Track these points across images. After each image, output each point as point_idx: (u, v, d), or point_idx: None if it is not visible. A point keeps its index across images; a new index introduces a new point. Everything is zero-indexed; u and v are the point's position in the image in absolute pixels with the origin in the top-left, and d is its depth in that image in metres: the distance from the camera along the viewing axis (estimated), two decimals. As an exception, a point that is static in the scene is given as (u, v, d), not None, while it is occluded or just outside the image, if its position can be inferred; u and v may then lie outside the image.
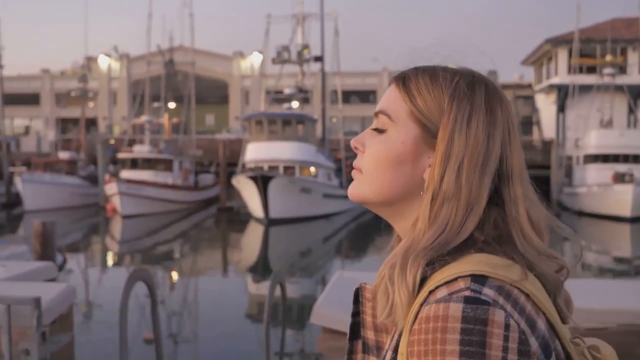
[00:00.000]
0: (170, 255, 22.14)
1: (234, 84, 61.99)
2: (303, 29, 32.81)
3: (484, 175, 0.99)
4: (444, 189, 0.99)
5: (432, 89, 1.03)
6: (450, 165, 0.99)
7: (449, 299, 0.90)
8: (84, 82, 36.04)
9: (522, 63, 49.47)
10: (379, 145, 1.06)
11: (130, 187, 28.56)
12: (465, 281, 0.92)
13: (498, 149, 1.01)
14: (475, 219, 0.98)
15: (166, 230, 27.29)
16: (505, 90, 4.79)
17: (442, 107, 1.02)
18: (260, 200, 26.15)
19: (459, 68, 1.07)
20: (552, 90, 42.55)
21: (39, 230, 11.28)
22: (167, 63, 35.70)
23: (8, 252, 13.02)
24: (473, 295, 0.89)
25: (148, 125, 32.97)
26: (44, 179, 31.18)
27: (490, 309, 0.88)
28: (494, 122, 1.01)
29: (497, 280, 0.93)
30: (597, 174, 30.44)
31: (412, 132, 1.03)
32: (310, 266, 20.50)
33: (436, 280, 0.94)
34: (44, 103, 61.79)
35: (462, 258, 0.96)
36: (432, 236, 0.97)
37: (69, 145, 38.81)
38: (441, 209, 0.99)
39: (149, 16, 34.87)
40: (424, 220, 0.99)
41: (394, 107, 1.06)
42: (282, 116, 29.89)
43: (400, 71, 1.08)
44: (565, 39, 39.99)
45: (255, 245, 24.29)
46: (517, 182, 1.01)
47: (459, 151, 0.99)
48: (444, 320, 0.88)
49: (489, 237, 0.99)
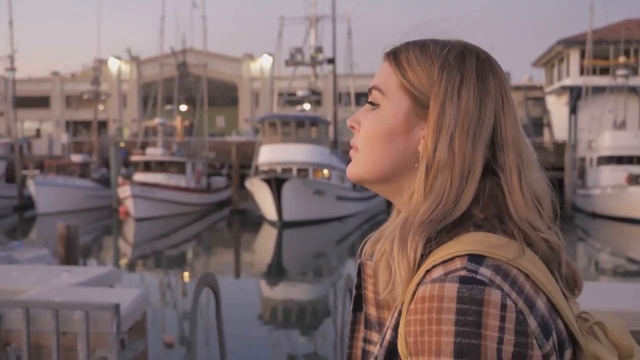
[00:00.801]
0: (185, 257, 22.13)
1: (244, 86, 62.05)
2: (316, 30, 32.78)
3: (476, 143, 0.98)
4: (437, 158, 0.98)
5: (422, 60, 1.02)
6: (442, 135, 0.98)
7: (444, 278, 0.88)
8: (96, 84, 36.08)
9: (533, 64, 49.28)
10: (372, 120, 1.05)
11: (144, 189, 28.56)
12: (462, 260, 0.91)
13: (491, 117, 0.99)
14: (471, 188, 0.97)
15: (179, 232, 27.28)
16: (516, 92, 4.67)
17: (432, 78, 1.01)
18: (274, 203, 26.11)
19: (450, 40, 1.05)
20: (564, 92, 42.37)
21: (63, 233, 11.22)
22: (180, 65, 35.70)
23: (31, 255, 13.05)
24: (469, 275, 0.88)
25: (161, 128, 32.95)
26: (57, 181, 31.20)
27: (486, 289, 0.87)
28: (485, 90, 1.00)
29: (494, 260, 0.91)
30: (611, 175, 30.31)
31: (404, 105, 1.03)
32: (324, 268, 20.47)
33: (433, 259, 0.93)
34: (54, 106, 62.02)
35: (460, 237, 0.94)
36: (430, 208, 0.96)
37: (81, 147, 38.85)
38: (436, 179, 0.98)
39: (161, 18, 34.93)
40: (419, 191, 0.99)
41: (385, 82, 1.05)
42: (296, 118, 29.85)
43: (392, 46, 1.08)
44: (577, 40, 39.83)
45: (269, 247, 24.26)
46: (510, 149, 0.99)
47: (450, 120, 0.98)
48: (439, 300, 0.87)
49: (487, 213, 0.98)
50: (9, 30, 35.61)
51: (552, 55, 44.51)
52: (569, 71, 41.44)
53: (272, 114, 32.31)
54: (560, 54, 42.73)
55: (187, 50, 41.70)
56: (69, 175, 32.87)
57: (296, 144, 28.89)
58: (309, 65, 32.91)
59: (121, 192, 29.37)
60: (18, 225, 30.78)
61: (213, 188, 35.19)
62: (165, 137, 33.81)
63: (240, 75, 62.33)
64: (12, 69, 36.62)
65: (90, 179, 33.73)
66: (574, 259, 15.85)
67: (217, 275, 16.44)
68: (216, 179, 36.39)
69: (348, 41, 34.79)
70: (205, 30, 35.97)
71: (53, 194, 30.23)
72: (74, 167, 33.66)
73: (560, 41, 41.10)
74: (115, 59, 61.08)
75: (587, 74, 35.48)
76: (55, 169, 33.26)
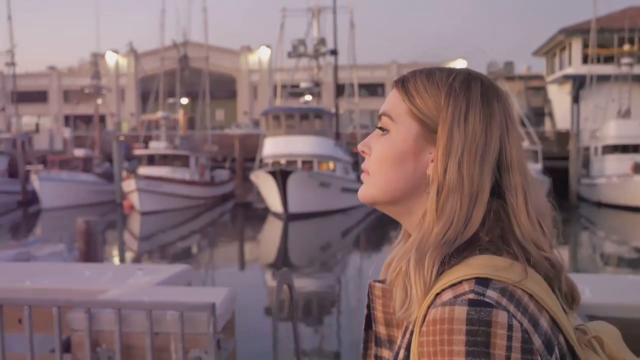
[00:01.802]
0: (193, 251, 22.12)
1: (242, 78, 61.83)
2: (319, 22, 32.64)
3: (484, 165, 1.03)
4: (448, 181, 1.03)
5: (429, 87, 1.08)
6: (451, 158, 1.03)
7: (454, 302, 0.94)
8: (97, 78, 35.89)
9: (534, 54, 49.19)
10: (382, 145, 1.10)
11: (149, 183, 28.45)
12: (470, 284, 0.96)
13: (497, 140, 1.05)
14: (481, 210, 1.02)
15: (185, 226, 27.21)
16: (516, 82, 4.70)
17: (439, 104, 1.06)
18: (279, 195, 26.05)
19: (455, 68, 1.11)
20: (566, 81, 42.29)
21: (83, 228, 11.14)
22: (182, 58, 35.53)
23: (47, 251, 12.95)
24: (477, 298, 0.93)
25: (164, 122, 32.81)
26: (61, 176, 31.08)
27: (494, 310, 0.92)
28: (490, 115, 1.05)
29: (500, 282, 0.96)
30: (616, 164, 30.26)
31: (413, 130, 1.08)
32: (330, 260, 20.47)
33: (442, 282, 0.98)
34: (52, 100, 61.71)
35: (467, 260, 1.00)
36: (442, 229, 1.01)
37: (82, 142, 38.69)
38: (447, 201, 1.03)
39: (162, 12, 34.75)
40: (431, 213, 1.04)
41: (394, 108, 1.11)
42: (300, 110, 29.72)
43: (400, 75, 1.14)
44: (579, 29, 39.74)
45: (275, 240, 24.25)
46: (516, 171, 1.05)
47: (458, 144, 1.03)
48: (449, 322, 0.92)
49: (492, 235, 1.03)
50: (7, 25, 35.40)
51: (553, 45, 44.42)
52: (571, 60, 41.38)
53: (276, 106, 32.18)
54: (562, 43, 42.64)
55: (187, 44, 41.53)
56: (72, 170, 32.74)
57: (300, 136, 28.77)
58: (311, 57, 32.76)
59: (126, 186, 29.25)
60: (22, 220, 30.67)
61: (216, 181, 35.10)
62: (168, 130, 33.68)
63: (238, 67, 62.10)
64: (12, 64, 36.41)
65: (93, 174, 33.59)
66: (579, 248, 15.81)
67: (224, 268, 16.45)
68: (219, 172, 36.27)
69: (351, 32, 34.66)
70: (206, 23, 35.81)
71: (57, 189, 30.11)
72: (77, 162, 33.53)
73: (562, 30, 41.00)
74: (113, 53, 60.78)
75: (591, 63, 35.37)
76: (59, 164, 33.11)
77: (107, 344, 2.80)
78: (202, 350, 2.68)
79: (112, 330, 2.79)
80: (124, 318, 2.79)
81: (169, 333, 2.75)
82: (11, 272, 3.96)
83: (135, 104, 61.07)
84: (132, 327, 2.80)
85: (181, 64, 35.63)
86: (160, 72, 35.47)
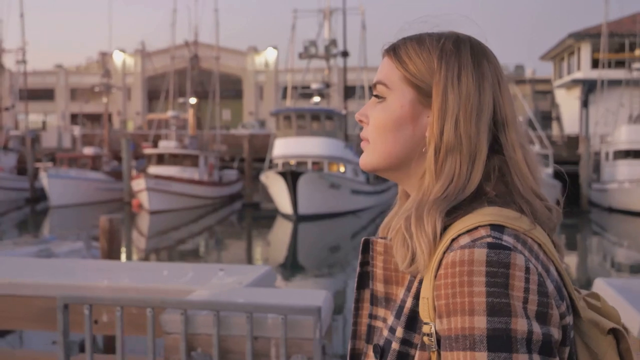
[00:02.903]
0: (204, 251, 22.08)
1: (248, 79, 61.76)
2: (330, 23, 32.56)
3: (480, 124, 1.05)
4: (445, 141, 1.05)
5: (420, 52, 1.10)
6: (447, 119, 1.05)
7: (472, 245, 0.96)
8: (107, 77, 35.80)
9: (542, 58, 49.06)
10: (380, 113, 1.12)
11: (159, 182, 28.37)
12: (486, 229, 0.99)
13: (490, 98, 1.07)
14: (480, 167, 1.05)
15: (193, 225, 27.16)
16: (524, 85, 4.62)
17: (432, 68, 1.08)
18: (289, 196, 25.97)
19: (444, 32, 1.12)
20: (575, 85, 42.17)
21: (106, 226, 11.05)
22: (192, 58, 35.46)
23: (66, 248, 12.86)
24: (495, 242, 0.96)
25: (174, 121, 32.71)
26: (70, 174, 31.01)
27: (512, 253, 0.95)
28: (482, 74, 1.08)
29: (512, 230, 1.00)
30: (628, 169, 30.08)
31: (408, 95, 1.10)
32: (338, 262, 20.43)
33: (457, 229, 1.00)
34: (58, 98, 61.64)
35: (477, 210, 1.02)
36: (442, 187, 1.04)
37: (91, 140, 38.60)
38: (445, 161, 1.05)
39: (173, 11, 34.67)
40: (430, 173, 1.06)
41: (388, 76, 1.12)
42: (311, 111, 29.63)
43: (390, 43, 1.15)
44: (589, 34, 39.62)
45: (284, 241, 24.19)
46: (512, 128, 1.08)
47: (453, 105, 1.05)
48: (469, 264, 0.94)
49: (498, 189, 1.06)
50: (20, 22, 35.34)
51: (562, 49, 44.29)
52: (579, 64, 41.25)
53: (287, 107, 32.08)
54: (571, 47, 42.51)
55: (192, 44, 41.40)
56: (81, 167, 32.66)
57: (311, 137, 28.66)
58: (322, 58, 32.66)
59: (135, 184, 29.16)
60: (30, 217, 30.59)
61: (224, 181, 35.00)
62: (177, 130, 33.59)
63: (244, 68, 62.04)
64: (23, 62, 36.33)
65: (102, 172, 33.52)
66: (590, 254, 15.70)
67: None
68: (227, 172, 36.17)
69: (362, 34, 34.57)
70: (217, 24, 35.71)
71: (66, 187, 30.05)
72: (86, 160, 33.45)
73: (572, 34, 40.86)
74: (120, 52, 60.70)
75: (602, 67, 35.25)
76: (67, 162, 33.03)
77: (202, 347, 2.69)
78: (304, 356, 2.57)
79: (208, 333, 2.68)
80: (223, 321, 2.67)
81: (269, 337, 2.64)
82: (79, 271, 3.85)
83: (141, 103, 61.01)
84: (229, 330, 2.69)
85: (192, 64, 35.54)
86: (171, 71, 35.37)
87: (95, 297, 2.71)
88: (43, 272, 3.55)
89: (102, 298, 2.75)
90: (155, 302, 2.64)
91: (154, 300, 2.68)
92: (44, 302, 3.05)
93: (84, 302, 2.60)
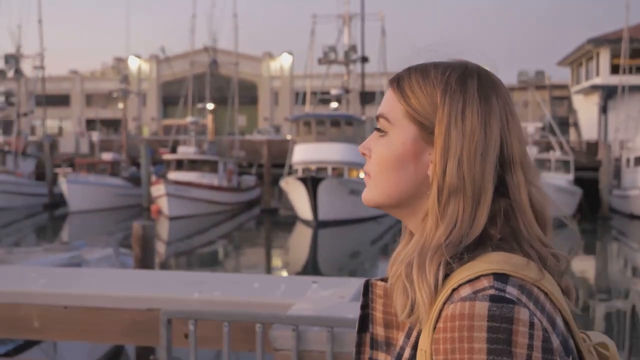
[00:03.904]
0: (224, 257, 22.12)
1: (263, 85, 61.84)
2: (350, 29, 32.51)
3: (485, 164, 0.99)
4: (448, 182, 0.99)
5: (424, 86, 1.04)
6: (450, 158, 0.99)
7: (474, 297, 0.91)
8: (125, 83, 35.90)
9: (559, 63, 48.84)
10: (381, 148, 1.07)
11: (178, 188, 28.35)
12: (488, 279, 0.93)
13: (497, 136, 1.01)
14: (484, 211, 0.99)
15: (213, 231, 27.15)
16: (541, 91, 4.45)
17: (435, 103, 1.02)
18: (310, 202, 25.93)
19: (451, 62, 1.06)
20: (593, 91, 41.92)
21: (139, 233, 11.00)
22: (211, 63, 35.49)
23: (97, 255, 12.76)
24: (498, 294, 0.91)
25: (193, 127, 32.72)
26: (89, 179, 31.06)
27: (516, 307, 0.90)
28: (489, 110, 1.01)
29: (518, 279, 0.94)
30: (649, 176, 29.87)
31: (411, 132, 1.05)
32: (359, 268, 20.44)
33: (458, 278, 0.95)
34: (74, 104, 61.88)
35: (481, 257, 0.97)
36: (445, 232, 0.98)
37: (108, 146, 38.69)
38: (448, 203, 0.99)
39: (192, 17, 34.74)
40: (433, 216, 1.00)
41: (391, 110, 1.07)
42: (331, 117, 29.58)
43: (395, 73, 1.09)
44: (608, 39, 39.39)
45: (304, 247, 24.21)
46: (518, 167, 1.02)
47: (457, 143, 0.99)
48: (470, 318, 0.89)
49: (504, 234, 1.00)
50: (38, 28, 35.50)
51: (580, 54, 44.04)
52: (598, 70, 40.99)
53: (307, 112, 32.05)
54: (590, 53, 42.26)
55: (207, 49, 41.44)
56: (99, 173, 32.71)
57: (331, 143, 28.60)
58: (342, 64, 32.62)
59: (155, 190, 29.15)
60: (49, 223, 30.64)
61: (243, 187, 34.98)
62: (196, 135, 33.60)
63: (259, 74, 62.13)
64: (41, 67, 36.48)
65: (120, 178, 33.56)
66: (611, 261, 15.61)
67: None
68: (245, 177, 36.16)
69: (382, 40, 34.52)
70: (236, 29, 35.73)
71: (85, 192, 30.07)
72: (105, 166, 33.50)
73: (591, 40, 40.64)
74: (136, 58, 60.91)
75: (623, 73, 35.00)
76: (86, 167, 33.09)
77: (314, 366, 2.59)
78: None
79: (320, 350, 2.57)
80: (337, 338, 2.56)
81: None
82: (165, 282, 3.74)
83: (156, 109, 61.15)
84: (342, 347, 2.58)
85: (210, 69, 35.58)
86: (190, 76, 35.40)
87: (200, 312, 2.61)
88: (131, 283, 3.45)
89: (207, 312, 2.65)
90: (265, 318, 2.53)
91: (265, 315, 2.56)
92: (137, 315, 2.95)
93: (190, 317, 2.50)
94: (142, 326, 2.94)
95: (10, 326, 3.18)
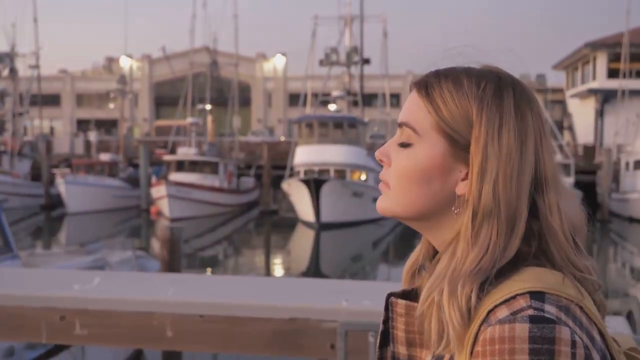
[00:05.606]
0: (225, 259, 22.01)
1: (257, 86, 61.64)
2: (351, 30, 32.47)
3: (520, 187, 0.95)
4: (483, 205, 0.95)
5: (457, 97, 0.98)
6: (486, 180, 0.95)
7: (513, 319, 0.88)
8: (122, 83, 35.58)
9: (555, 67, 49.11)
10: (406, 160, 1.01)
11: (180, 189, 28.12)
12: (525, 299, 0.90)
13: (532, 156, 0.97)
14: (518, 235, 0.95)
15: (214, 233, 27.01)
16: (539, 95, 4.35)
17: (469, 117, 0.97)
18: (312, 204, 25.86)
19: (482, 69, 1.01)
20: (589, 95, 42.13)
21: (166, 236, 10.79)
22: (212, 64, 35.29)
23: (117, 258, 12.57)
24: (537, 314, 0.88)
25: (194, 128, 32.49)
26: (87, 180, 30.71)
27: (556, 326, 0.87)
28: (525, 128, 0.97)
29: (554, 297, 0.91)
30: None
31: (440, 146, 0.99)
32: (361, 272, 20.44)
33: (493, 299, 0.92)
34: (64, 104, 61.34)
35: (515, 275, 0.94)
36: (477, 257, 0.94)
37: (105, 147, 38.33)
38: (481, 227, 0.95)
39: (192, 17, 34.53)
40: (465, 239, 0.96)
41: (418, 119, 1.00)
42: (333, 119, 29.53)
43: (420, 75, 1.03)
44: (605, 43, 39.61)
45: (306, 249, 24.18)
46: (551, 188, 0.97)
47: (493, 165, 0.95)
48: (510, 341, 0.87)
49: (537, 251, 0.96)
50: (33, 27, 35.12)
51: (576, 58, 44.28)
52: (595, 74, 41.21)
53: (309, 114, 31.97)
54: (586, 57, 42.48)
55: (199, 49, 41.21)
56: (97, 174, 32.35)
57: (333, 145, 28.56)
58: (343, 65, 32.56)
59: (155, 191, 28.90)
60: (45, 224, 30.28)
61: (242, 189, 34.81)
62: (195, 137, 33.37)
63: (253, 75, 61.94)
64: (36, 66, 36.07)
65: (118, 178, 33.23)
66: (610, 264, 15.69)
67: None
68: (244, 179, 35.99)
69: (383, 42, 34.51)
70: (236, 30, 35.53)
71: (83, 194, 29.71)
72: (103, 166, 33.15)
73: (588, 44, 40.86)
74: (127, 58, 60.52)
75: (622, 77, 35.21)
76: (84, 168, 32.72)
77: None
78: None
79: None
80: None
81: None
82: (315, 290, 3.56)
83: (148, 109, 60.76)
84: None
85: (211, 70, 35.37)
86: (189, 76, 35.15)
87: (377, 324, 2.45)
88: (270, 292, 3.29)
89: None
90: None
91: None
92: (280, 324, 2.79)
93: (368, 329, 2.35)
94: (286, 337, 2.78)
95: (142, 336, 3.01)
